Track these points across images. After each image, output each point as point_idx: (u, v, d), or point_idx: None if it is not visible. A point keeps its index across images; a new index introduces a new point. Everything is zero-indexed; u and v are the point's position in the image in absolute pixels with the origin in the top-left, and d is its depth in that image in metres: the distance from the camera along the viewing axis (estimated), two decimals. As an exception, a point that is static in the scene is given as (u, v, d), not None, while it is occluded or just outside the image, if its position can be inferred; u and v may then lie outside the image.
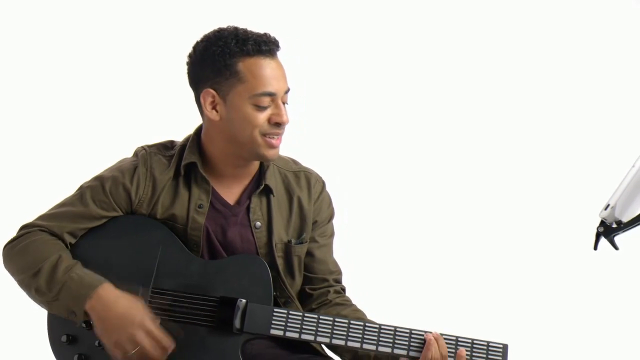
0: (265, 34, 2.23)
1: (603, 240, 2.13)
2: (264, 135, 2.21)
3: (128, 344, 2.12)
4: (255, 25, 2.27)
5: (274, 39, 2.23)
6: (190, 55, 2.26)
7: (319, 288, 2.38)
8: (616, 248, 2.13)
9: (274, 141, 2.22)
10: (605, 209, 2.10)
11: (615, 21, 3.97)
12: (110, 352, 2.15)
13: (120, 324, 2.13)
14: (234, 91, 2.20)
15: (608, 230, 2.11)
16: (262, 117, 2.20)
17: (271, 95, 2.19)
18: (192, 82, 2.27)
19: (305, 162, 2.43)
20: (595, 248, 2.14)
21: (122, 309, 2.14)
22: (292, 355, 2.28)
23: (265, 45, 2.20)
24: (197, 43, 2.25)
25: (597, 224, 2.13)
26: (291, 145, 2.42)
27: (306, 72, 3.81)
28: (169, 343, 2.15)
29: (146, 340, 2.13)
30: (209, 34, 2.25)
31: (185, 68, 2.27)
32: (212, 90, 2.21)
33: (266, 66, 2.19)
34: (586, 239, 2.16)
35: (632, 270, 3.65)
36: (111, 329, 2.13)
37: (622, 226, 2.10)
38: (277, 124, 2.21)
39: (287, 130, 2.27)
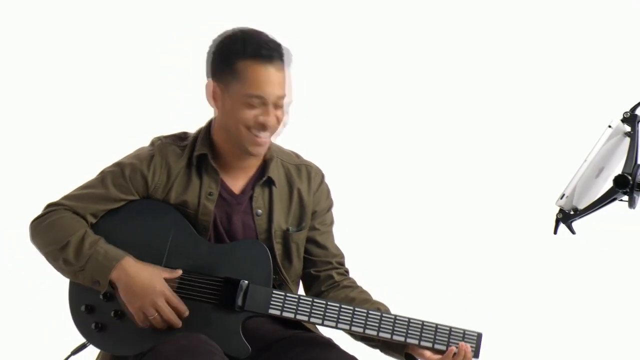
0: (271, 41, 2.33)
1: (562, 226, 2.30)
2: (248, 129, 2.32)
3: (150, 309, 2.30)
4: (254, 25, 2.38)
5: (278, 46, 2.33)
6: (210, 46, 2.40)
7: (323, 270, 2.52)
8: (573, 232, 2.29)
9: (257, 139, 2.34)
10: (561, 198, 2.25)
11: (614, 21, 4.04)
12: (135, 317, 2.32)
13: (143, 292, 2.30)
14: (230, 87, 2.33)
15: (566, 216, 2.27)
16: (250, 114, 2.31)
17: (260, 98, 2.31)
18: (206, 71, 2.41)
19: (308, 157, 2.57)
20: (555, 232, 2.30)
21: (145, 278, 2.31)
22: (286, 330, 2.42)
23: (265, 51, 2.30)
24: (217, 37, 2.40)
25: (557, 211, 2.29)
26: (292, 143, 2.57)
27: (306, 71, 3.97)
28: (184, 308, 2.33)
29: (166, 306, 2.31)
30: (228, 30, 2.39)
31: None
32: (214, 82, 2.37)
33: (261, 70, 2.30)
34: (547, 225, 2.32)
35: (589, 253, 3.87)
36: (135, 296, 2.30)
37: (578, 213, 2.27)
38: (262, 125, 2.33)
39: (291, 127, 2.40)
